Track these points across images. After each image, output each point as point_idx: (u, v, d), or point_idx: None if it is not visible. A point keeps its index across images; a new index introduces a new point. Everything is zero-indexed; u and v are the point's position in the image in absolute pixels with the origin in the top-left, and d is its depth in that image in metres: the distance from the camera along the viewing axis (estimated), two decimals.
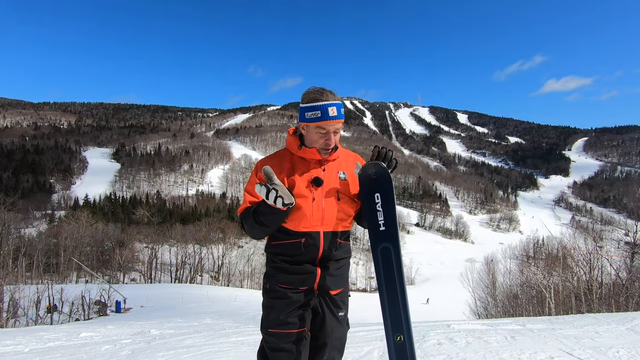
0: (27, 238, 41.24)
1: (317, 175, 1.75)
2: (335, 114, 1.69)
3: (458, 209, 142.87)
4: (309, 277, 1.75)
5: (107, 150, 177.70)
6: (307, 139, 1.77)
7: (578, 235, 18.09)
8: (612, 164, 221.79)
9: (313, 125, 1.71)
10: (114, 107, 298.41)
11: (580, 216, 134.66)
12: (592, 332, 4.82)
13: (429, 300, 41.17)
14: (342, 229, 1.80)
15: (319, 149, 1.74)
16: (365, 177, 1.75)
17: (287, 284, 1.76)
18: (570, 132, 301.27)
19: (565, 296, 14.70)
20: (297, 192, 1.70)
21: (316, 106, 1.68)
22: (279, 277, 1.78)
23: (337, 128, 1.73)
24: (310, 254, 1.74)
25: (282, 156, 1.82)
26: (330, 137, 1.73)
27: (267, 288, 1.82)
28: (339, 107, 1.72)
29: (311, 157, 1.77)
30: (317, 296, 1.78)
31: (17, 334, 8.94)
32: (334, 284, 1.80)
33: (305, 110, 1.72)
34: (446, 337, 4.76)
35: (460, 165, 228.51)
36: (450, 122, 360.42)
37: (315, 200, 1.72)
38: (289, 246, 1.75)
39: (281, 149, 1.89)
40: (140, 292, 28.63)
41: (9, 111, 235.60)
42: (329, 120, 1.68)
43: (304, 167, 1.77)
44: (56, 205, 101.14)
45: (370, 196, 1.74)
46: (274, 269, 1.79)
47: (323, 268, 1.76)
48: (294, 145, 1.81)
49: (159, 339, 6.77)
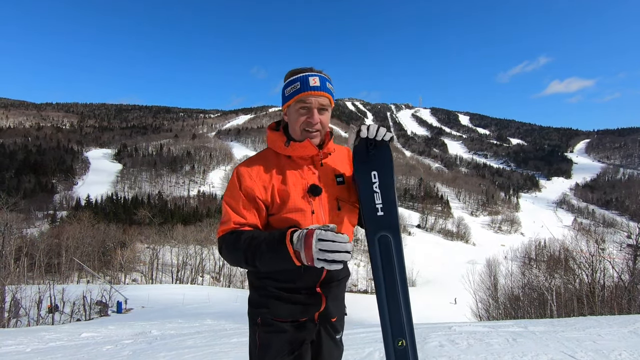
0: (29, 238, 41.33)
1: (313, 183, 1.43)
2: (317, 84, 1.38)
3: (459, 210, 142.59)
4: (312, 306, 1.44)
5: (109, 151, 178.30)
6: (291, 127, 1.46)
7: (580, 238, 18.00)
8: (615, 166, 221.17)
9: (293, 103, 1.41)
10: (116, 108, 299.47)
11: (582, 218, 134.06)
12: (594, 335, 4.80)
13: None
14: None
15: (300, 132, 1.42)
16: (361, 150, 1.43)
17: (284, 316, 1.42)
18: (572, 133, 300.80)
19: (567, 298, 14.64)
20: (292, 205, 1.39)
21: (295, 78, 1.40)
22: (273, 308, 1.43)
23: (321, 103, 1.41)
24: (311, 279, 1.42)
25: (266, 159, 1.48)
26: (313, 113, 1.40)
27: (258, 322, 1.46)
28: (324, 79, 1.41)
29: (302, 153, 1.44)
30: (316, 325, 1.48)
31: (18, 334, 8.96)
32: (336, 310, 1.52)
33: (285, 88, 1.44)
34: (447, 339, 4.75)
35: (462, 167, 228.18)
36: (451, 123, 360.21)
37: (315, 213, 1.41)
38: (284, 270, 1.35)
39: (263, 149, 1.55)
40: (141, 292, 28.67)
41: (12, 112, 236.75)
42: (310, 90, 1.37)
43: (295, 172, 1.44)
44: (58, 205, 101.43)
45: (366, 174, 1.42)
46: (266, 298, 1.44)
47: (326, 292, 1.46)
48: (279, 143, 1.47)
49: (160, 340, 6.77)
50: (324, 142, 1.49)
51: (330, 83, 1.45)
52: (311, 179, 1.44)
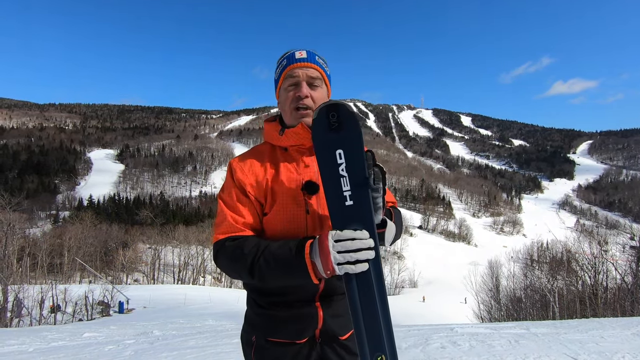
0: (31, 238, 41.50)
1: (309, 179, 1.24)
2: (303, 56, 1.26)
3: (461, 211, 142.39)
4: (309, 322, 1.23)
5: (111, 152, 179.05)
6: (283, 110, 1.31)
7: (582, 239, 17.98)
8: (617, 167, 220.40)
9: (282, 82, 1.28)
10: (118, 109, 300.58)
11: (585, 220, 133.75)
12: (597, 337, 4.79)
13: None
14: None
15: (290, 112, 1.26)
16: (321, 124, 1.13)
17: (280, 336, 1.24)
18: (575, 135, 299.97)
19: (570, 300, 14.59)
20: (284, 204, 1.22)
21: (282, 58, 1.30)
22: (268, 327, 1.25)
23: (310, 76, 1.25)
24: (307, 290, 1.22)
25: (261, 152, 1.32)
26: (301, 86, 1.24)
27: (252, 342, 1.28)
28: (312, 53, 1.28)
29: (296, 142, 1.27)
30: (320, 345, 1.25)
31: (21, 333, 9.00)
32: (343, 327, 1.26)
33: (275, 71, 1.34)
34: (449, 341, 4.74)
35: (464, 168, 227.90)
36: (453, 124, 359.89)
37: (310, 213, 1.22)
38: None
39: (260, 143, 1.40)
40: (143, 292, 28.73)
41: (15, 112, 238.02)
42: (297, 63, 1.25)
43: (290, 166, 1.27)
44: (60, 205, 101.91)
45: (329, 154, 1.12)
46: (260, 317, 1.26)
47: (326, 307, 1.24)
48: (273, 133, 1.31)
49: (161, 340, 6.79)
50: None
51: (322, 59, 1.31)
52: (307, 175, 1.25)
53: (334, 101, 1.12)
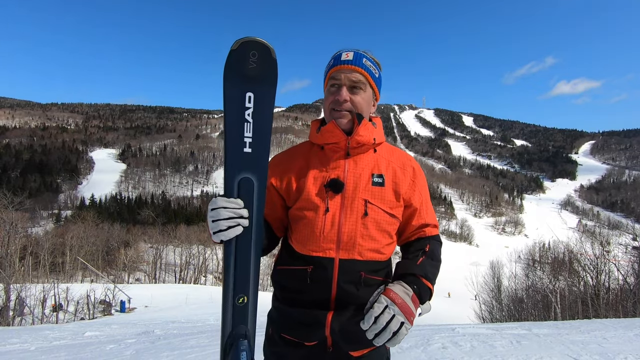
0: (33, 237, 41.62)
1: (335, 177, 1.21)
2: (349, 58, 1.22)
3: (463, 212, 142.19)
4: (316, 326, 1.17)
5: (113, 151, 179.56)
6: (324, 109, 1.32)
7: (585, 240, 17.89)
8: (620, 168, 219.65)
9: (327, 81, 1.27)
10: (120, 108, 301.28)
11: (587, 220, 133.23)
12: (599, 338, 4.77)
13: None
14: (371, 257, 1.20)
15: (329, 113, 1.25)
16: (238, 58, 1.06)
17: (290, 334, 1.22)
18: (577, 135, 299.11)
19: (572, 301, 14.54)
20: (306, 198, 1.21)
21: (332, 57, 1.28)
22: (282, 323, 1.25)
23: (352, 80, 1.21)
24: (319, 291, 1.18)
25: (298, 151, 1.34)
26: (341, 90, 1.21)
27: (269, 334, 1.30)
28: (359, 55, 1.23)
29: (328, 139, 1.24)
30: (331, 355, 1.20)
31: (23, 332, 9.03)
32: (355, 341, 1.17)
33: (325, 68, 1.31)
34: (451, 341, 4.73)
35: (466, 168, 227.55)
36: (455, 124, 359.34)
37: (330, 212, 1.18)
38: (293, 275, 1.22)
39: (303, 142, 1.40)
40: (144, 292, 28.79)
41: (18, 112, 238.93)
42: (340, 65, 1.21)
43: (321, 163, 1.25)
44: (63, 205, 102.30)
45: (236, 94, 1.08)
46: (277, 311, 1.28)
47: (337, 315, 1.17)
48: (313, 132, 1.32)
49: (163, 339, 6.80)
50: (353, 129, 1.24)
51: (370, 61, 1.25)
52: (335, 173, 1.22)
53: (260, 40, 1.06)
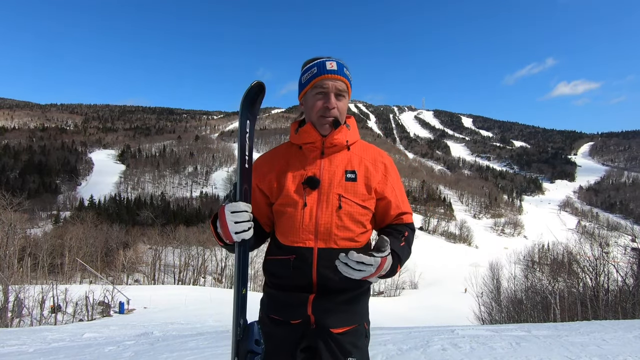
0: (32, 238, 41.51)
1: (312, 174, 1.36)
2: (334, 68, 1.34)
3: (462, 213, 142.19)
4: (297, 306, 1.34)
5: (112, 152, 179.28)
6: (307, 115, 1.42)
7: (584, 241, 17.90)
8: (619, 169, 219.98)
9: (310, 89, 1.37)
10: (120, 109, 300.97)
11: (586, 221, 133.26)
12: (598, 340, 4.77)
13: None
14: (347, 245, 1.34)
15: (317, 119, 1.37)
16: (249, 97, 1.36)
17: (277, 314, 1.39)
18: (576, 136, 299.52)
19: (571, 302, 14.53)
20: (286, 195, 1.36)
21: (312, 64, 1.38)
22: (270, 304, 1.43)
23: (338, 88, 1.36)
24: (301, 278, 1.34)
25: (278, 151, 1.49)
26: (329, 97, 1.34)
27: (260, 317, 1.47)
28: (341, 65, 1.37)
29: (306, 139, 1.40)
30: (314, 334, 1.34)
31: (21, 333, 9.00)
32: (336, 320, 1.33)
33: (302, 75, 1.41)
34: (450, 343, 4.72)
35: (465, 169, 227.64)
36: (454, 125, 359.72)
37: (307, 206, 1.33)
38: (279, 264, 1.39)
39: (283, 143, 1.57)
40: (143, 293, 28.71)
41: (17, 112, 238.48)
42: (327, 74, 1.33)
43: (299, 162, 1.40)
44: (62, 206, 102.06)
45: (244, 121, 1.35)
46: (266, 296, 1.46)
47: (318, 297, 1.33)
48: (292, 132, 1.47)
49: (162, 341, 6.78)
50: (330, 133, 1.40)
51: (348, 71, 1.40)
52: (311, 171, 1.37)
53: (263, 84, 1.36)
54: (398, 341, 5.04)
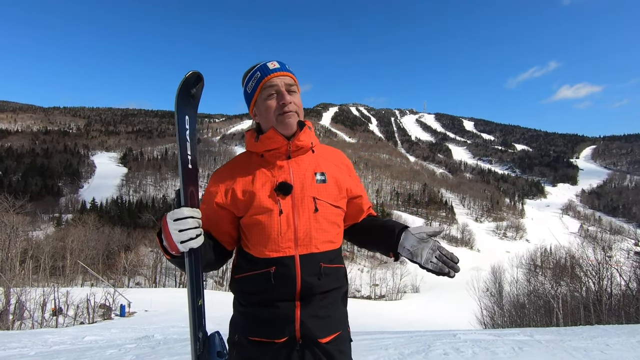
0: (34, 241, 41.61)
1: (283, 180, 1.29)
2: (277, 66, 1.32)
3: (464, 216, 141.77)
4: (286, 321, 1.25)
5: (114, 155, 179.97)
6: (265, 121, 1.36)
7: (586, 245, 17.83)
8: (622, 173, 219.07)
9: (259, 94, 1.34)
10: (122, 112, 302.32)
11: (589, 225, 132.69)
12: (602, 344, 4.74)
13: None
14: (327, 248, 1.31)
15: (276, 119, 1.31)
16: (185, 90, 1.26)
17: (259, 335, 1.27)
18: (578, 140, 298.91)
19: (574, 307, 14.46)
20: (258, 204, 1.27)
21: (253, 71, 1.35)
22: (248, 326, 1.29)
23: (287, 84, 1.32)
24: (284, 288, 1.26)
25: (237, 163, 1.42)
26: (283, 94, 1.30)
27: (234, 341, 1.33)
28: (282, 62, 1.35)
29: (271, 146, 1.33)
30: (300, 348, 1.25)
31: (22, 336, 9.00)
32: (323, 328, 1.28)
33: (246, 85, 1.38)
34: (452, 347, 4.70)
35: (467, 173, 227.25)
36: (456, 129, 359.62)
37: (284, 213, 1.27)
38: (255, 279, 1.29)
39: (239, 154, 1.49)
40: (144, 296, 28.68)
41: (20, 115, 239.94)
42: (272, 73, 1.31)
43: (265, 170, 1.33)
44: (64, 208, 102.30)
45: (182, 117, 1.26)
46: (242, 316, 1.32)
47: (305, 306, 1.27)
48: (250, 140, 1.40)
49: (163, 344, 6.77)
50: (295, 134, 1.33)
51: (291, 68, 1.37)
52: (282, 177, 1.30)
53: (197, 71, 1.28)
54: (400, 345, 5.02)
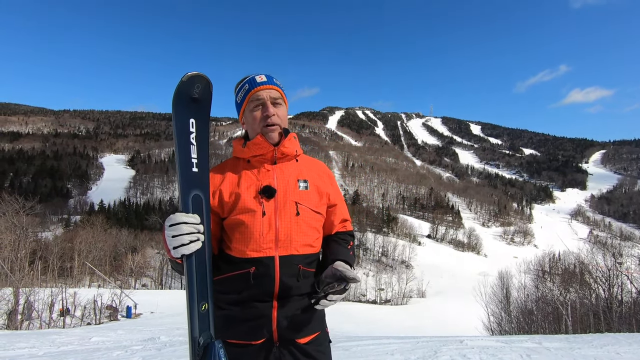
0: (43, 242, 42.15)
1: (268, 184, 1.36)
2: (264, 80, 1.40)
3: (471, 221, 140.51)
4: (264, 321, 1.28)
5: (122, 157, 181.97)
6: (250, 130, 1.45)
7: (596, 251, 17.58)
8: (632, 177, 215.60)
9: (247, 105, 1.43)
10: (130, 115, 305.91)
11: (598, 231, 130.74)
12: (612, 353, 4.66)
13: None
14: (307, 251, 1.37)
15: (261, 129, 1.39)
16: (183, 93, 1.23)
17: (237, 337, 1.29)
18: (588, 144, 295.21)
19: (583, 314, 14.22)
20: (242, 205, 1.33)
21: (242, 83, 1.44)
22: (225, 328, 1.29)
23: (273, 97, 1.40)
24: (262, 288, 1.29)
25: (224, 167, 1.47)
26: (267, 106, 1.38)
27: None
28: (270, 76, 1.44)
29: (257, 152, 1.40)
30: (278, 348, 1.28)
31: (31, 337, 9.10)
32: (301, 329, 1.31)
33: (236, 96, 1.47)
34: (459, 354, 4.66)
35: (473, 177, 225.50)
36: (463, 133, 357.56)
37: (266, 215, 1.32)
38: (234, 280, 1.31)
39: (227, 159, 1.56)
40: (150, 297, 28.87)
41: (31, 118, 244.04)
42: (259, 86, 1.39)
43: (251, 174, 1.40)
44: (72, 210, 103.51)
45: (184, 121, 1.25)
46: (219, 319, 1.29)
47: (282, 306, 1.30)
48: (238, 147, 1.47)
49: (169, 346, 6.80)
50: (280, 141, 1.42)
51: (279, 81, 1.46)
52: (267, 180, 1.37)
53: (200, 73, 1.25)
54: (405, 351, 4.99)
